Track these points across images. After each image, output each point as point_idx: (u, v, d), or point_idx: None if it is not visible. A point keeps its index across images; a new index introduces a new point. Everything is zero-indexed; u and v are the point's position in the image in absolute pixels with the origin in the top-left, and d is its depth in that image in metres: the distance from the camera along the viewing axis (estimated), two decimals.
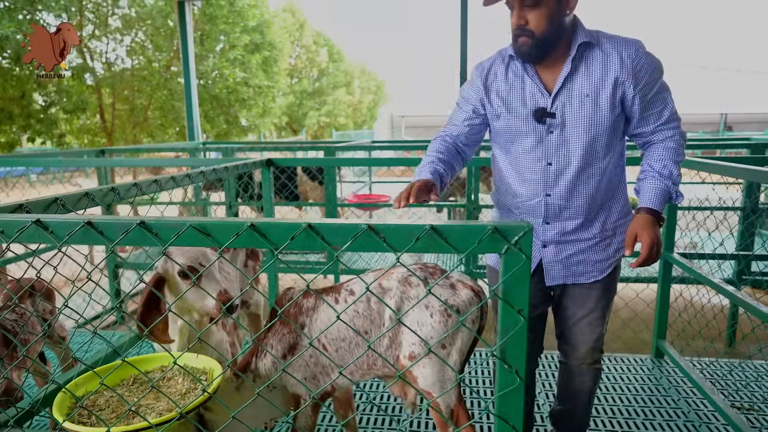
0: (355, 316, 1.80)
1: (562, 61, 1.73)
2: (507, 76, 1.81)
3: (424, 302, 1.74)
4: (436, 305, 1.74)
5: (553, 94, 1.73)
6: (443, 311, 1.73)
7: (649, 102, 1.73)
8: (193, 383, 1.64)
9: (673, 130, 1.77)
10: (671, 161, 1.76)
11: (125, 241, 1.14)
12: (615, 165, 1.82)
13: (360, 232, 1.05)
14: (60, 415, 1.38)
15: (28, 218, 1.18)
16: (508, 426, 1.10)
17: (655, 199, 1.74)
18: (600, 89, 1.70)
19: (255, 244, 1.11)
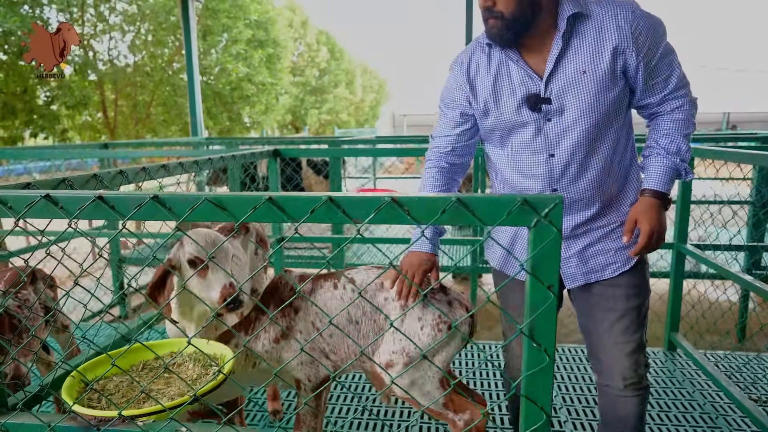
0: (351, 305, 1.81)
1: (551, 39, 1.55)
2: (490, 66, 1.64)
3: (417, 314, 1.75)
4: (429, 319, 1.74)
5: (546, 76, 1.56)
6: (435, 326, 1.73)
7: (654, 69, 1.54)
8: (204, 369, 1.60)
9: (682, 99, 1.58)
10: (679, 134, 1.57)
11: (138, 215, 1.10)
12: (624, 144, 1.64)
13: (383, 204, 1.01)
14: (69, 399, 1.34)
15: (38, 193, 1.14)
16: (536, 407, 1.06)
17: (659, 179, 1.57)
18: (598, 62, 1.52)
19: (273, 219, 1.06)
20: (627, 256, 1.66)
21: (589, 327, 1.73)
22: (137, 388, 1.50)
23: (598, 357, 1.71)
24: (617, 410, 1.71)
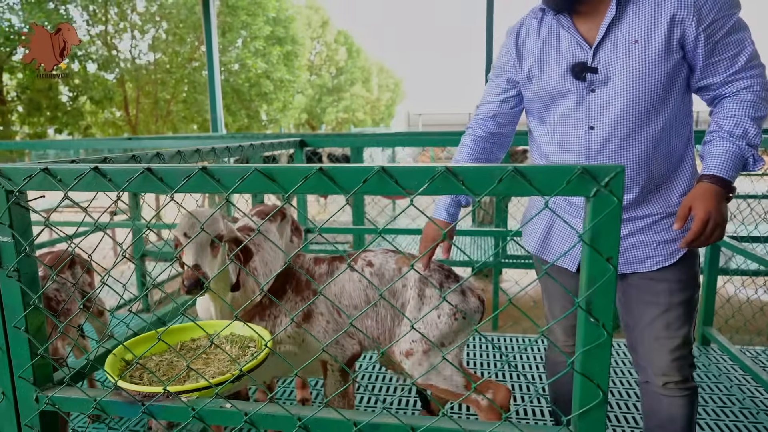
0: (368, 286, 1.83)
1: (606, 6, 1.47)
2: (540, 32, 1.59)
3: (434, 302, 1.78)
4: (445, 307, 1.77)
5: (595, 44, 1.48)
6: (451, 314, 1.77)
7: (718, 44, 1.41)
8: (242, 350, 1.59)
9: (752, 79, 1.43)
10: (747, 117, 1.42)
11: (186, 187, 1.10)
12: (677, 126, 1.52)
13: (437, 174, 0.99)
14: (112, 374, 1.34)
15: (86, 166, 1.14)
16: (593, 384, 1.03)
17: (722, 164, 1.41)
18: (652, 31, 1.41)
19: (324, 190, 1.05)
20: (671, 251, 1.55)
21: (628, 321, 1.65)
22: (177, 367, 1.50)
23: (638, 352, 1.63)
24: (661, 411, 1.61)
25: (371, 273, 1.85)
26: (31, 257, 1.24)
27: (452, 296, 1.82)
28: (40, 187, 1.17)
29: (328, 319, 1.84)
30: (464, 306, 1.82)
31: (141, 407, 1.22)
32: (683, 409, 1.58)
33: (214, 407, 1.19)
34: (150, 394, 1.24)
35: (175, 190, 1.09)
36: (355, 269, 1.60)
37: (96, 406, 1.24)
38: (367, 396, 2.68)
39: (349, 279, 1.87)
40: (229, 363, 1.52)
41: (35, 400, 1.28)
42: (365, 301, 1.84)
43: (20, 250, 1.21)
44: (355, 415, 1.14)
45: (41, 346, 1.26)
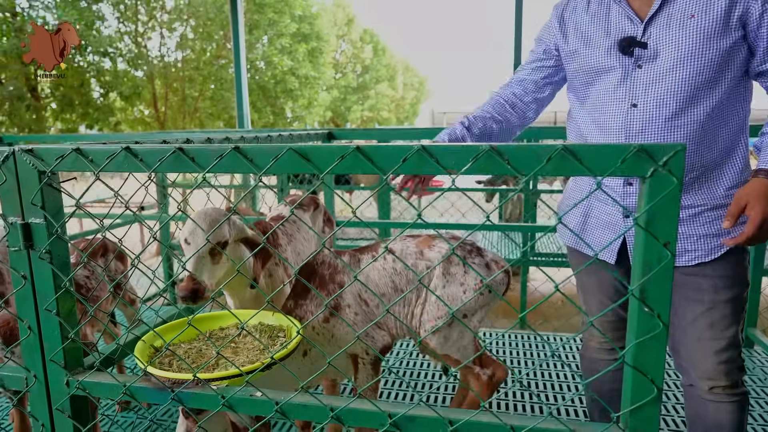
0: (393, 273, 1.82)
1: None
2: (589, 6, 1.54)
3: (459, 280, 1.78)
4: (471, 284, 1.78)
5: (647, 18, 1.40)
6: (476, 289, 1.78)
7: None
8: (271, 340, 1.57)
9: None
10: None
11: (217, 168, 1.06)
12: (728, 112, 1.42)
13: (481, 153, 0.94)
14: (142, 361, 1.33)
15: (118, 146, 1.12)
16: (646, 379, 0.96)
17: None
18: (710, 5, 1.33)
19: (360, 170, 1.00)
20: (712, 246, 1.46)
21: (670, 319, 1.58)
22: (206, 355, 1.47)
23: (680, 353, 1.54)
24: (707, 417, 1.51)
25: (394, 259, 1.84)
26: (63, 240, 1.23)
27: (477, 270, 1.81)
28: (71, 168, 1.15)
29: (356, 311, 1.80)
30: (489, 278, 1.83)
31: (170, 394, 1.20)
32: (732, 416, 1.48)
33: (244, 395, 1.16)
34: (179, 380, 1.22)
35: (207, 170, 1.06)
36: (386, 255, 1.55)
37: (126, 392, 1.22)
38: (394, 392, 2.64)
39: (373, 268, 1.84)
40: (259, 352, 1.49)
41: (66, 384, 1.26)
42: (392, 288, 1.82)
43: (52, 231, 1.19)
44: (391, 406, 1.10)
45: (72, 330, 1.24)
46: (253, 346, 1.54)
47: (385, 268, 1.83)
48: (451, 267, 1.80)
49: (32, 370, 1.28)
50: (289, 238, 2.10)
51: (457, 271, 1.79)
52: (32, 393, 1.30)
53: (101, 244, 2.29)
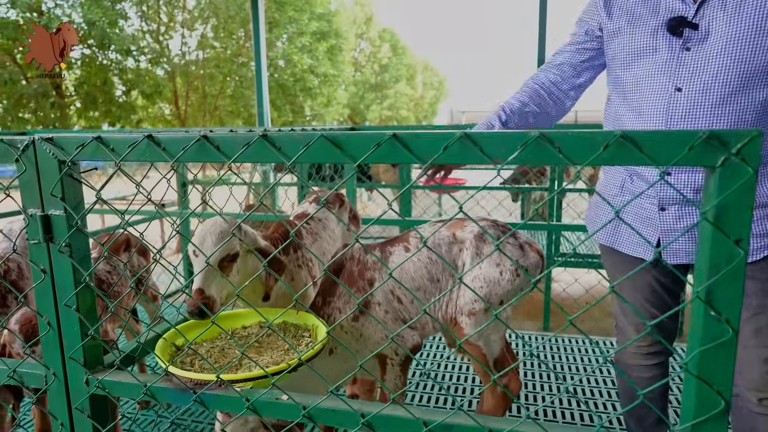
0: (428, 263, 1.76)
1: None
2: None
3: (495, 260, 1.72)
4: (507, 264, 1.72)
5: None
6: (513, 271, 1.72)
7: None
8: (296, 340, 1.50)
9: None
10: None
11: (244, 157, 1.00)
12: None
13: (530, 140, 0.86)
14: (163, 360, 1.27)
15: (140, 135, 1.06)
16: (712, 391, 0.87)
17: None
18: None
19: (398, 158, 0.93)
20: (757, 246, 1.37)
21: None
22: (228, 354, 1.42)
23: None
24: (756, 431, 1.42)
25: (427, 249, 1.77)
26: (83, 233, 1.18)
27: (511, 251, 1.76)
28: (92, 157, 1.10)
29: (386, 309, 1.74)
30: (524, 261, 1.76)
31: (192, 395, 1.14)
32: None
33: (270, 399, 1.10)
34: (202, 381, 1.16)
35: (233, 159, 1.00)
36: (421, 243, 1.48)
37: (146, 392, 1.17)
38: (418, 395, 2.56)
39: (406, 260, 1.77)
40: (283, 352, 1.43)
41: (85, 383, 1.22)
42: (428, 279, 1.76)
43: (72, 224, 1.15)
44: (426, 413, 1.02)
45: (92, 327, 1.20)
46: (277, 346, 1.48)
47: (419, 258, 1.77)
48: (484, 247, 1.74)
49: (51, 367, 1.24)
50: (314, 237, 2.04)
51: (491, 250, 1.74)
52: (51, 391, 1.26)
53: (124, 239, 2.26)
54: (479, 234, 1.77)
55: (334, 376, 1.84)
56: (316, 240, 2.03)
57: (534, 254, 1.80)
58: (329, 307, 1.74)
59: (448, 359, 2.96)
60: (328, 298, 1.76)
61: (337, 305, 1.74)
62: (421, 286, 1.75)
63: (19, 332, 1.47)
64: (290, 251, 1.87)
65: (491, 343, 1.77)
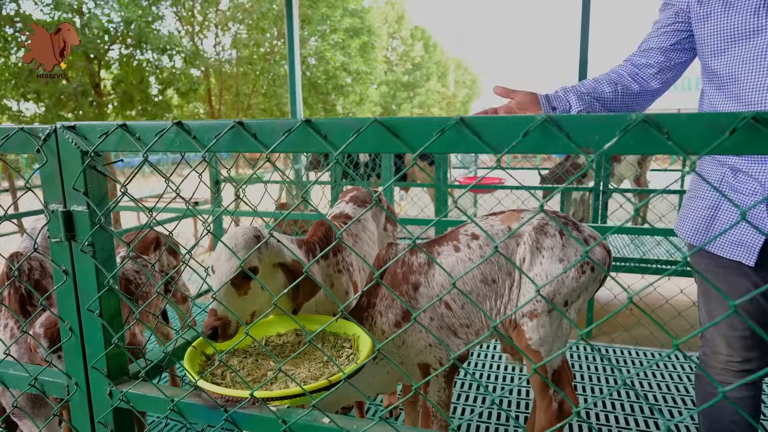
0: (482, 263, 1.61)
1: None
2: None
3: (558, 255, 1.57)
4: (572, 259, 1.57)
5: None
6: (579, 267, 1.57)
7: None
8: (335, 351, 1.37)
9: None
10: None
11: (284, 146, 0.87)
12: None
13: (631, 125, 0.70)
14: (192, 372, 1.16)
15: (168, 123, 0.95)
16: None
17: None
18: None
19: (463, 147, 0.79)
20: None
21: None
22: (263, 366, 1.30)
23: None
24: None
25: (480, 245, 1.62)
26: (107, 231, 1.08)
27: (575, 245, 1.59)
28: (117, 147, 0.99)
29: (431, 315, 1.59)
30: (590, 256, 1.61)
31: (223, 414, 1.02)
32: None
33: (309, 421, 0.97)
34: (234, 398, 1.04)
35: (272, 149, 0.88)
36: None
37: (173, 408, 1.05)
38: (460, 407, 2.41)
39: (457, 261, 1.61)
40: (322, 364, 1.30)
41: (109, 395, 1.12)
42: (481, 280, 1.60)
43: (95, 221, 1.04)
44: None
45: (116, 334, 1.09)
46: (315, 357, 1.35)
47: (471, 258, 1.60)
48: (545, 240, 1.59)
49: (74, 376, 1.14)
50: (354, 239, 1.91)
51: (552, 245, 1.58)
52: (73, 402, 1.16)
53: (153, 237, 2.18)
54: (539, 226, 1.61)
55: (377, 384, 1.71)
56: (356, 242, 1.89)
57: (600, 249, 1.64)
58: (373, 309, 1.62)
59: (491, 368, 2.80)
60: (372, 299, 1.63)
61: (379, 308, 1.62)
62: (474, 290, 1.60)
63: (43, 336, 1.39)
64: (329, 255, 1.73)
65: (554, 351, 1.61)
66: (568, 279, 1.57)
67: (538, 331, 1.57)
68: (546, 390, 1.67)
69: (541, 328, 1.57)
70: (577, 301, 1.61)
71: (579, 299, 1.62)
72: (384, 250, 1.67)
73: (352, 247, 1.85)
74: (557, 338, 1.60)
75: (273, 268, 1.42)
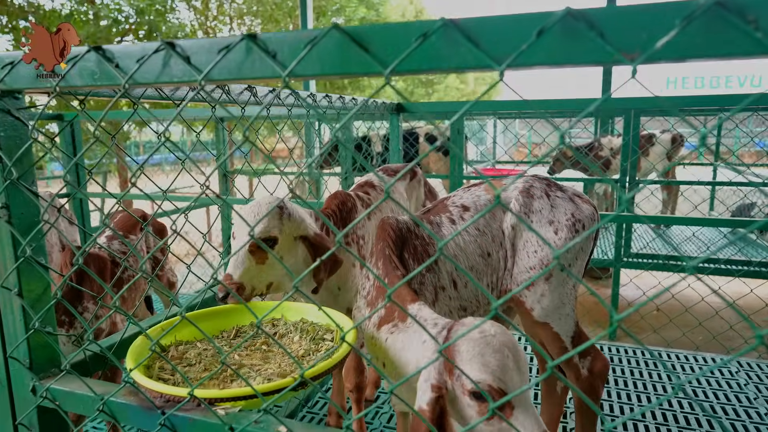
0: (477, 234, 1.48)
1: None
2: None
3: (547, 217, 1.49)
4: (562, 220, 1.48)
5: None
6: (571, 226, 1.47)
7: None
8: (314, 343, 1.17)
9: None
10: None
11: (221, 71, 0.67)
12: None
13: (699, 10, 0.48)
14: (135, 365, 0.96)
15: (84, 48, 0.75)
16: None
17: None
18: None
19: (458, 62, 0.57)
20: None
21: None
22: (227, 360, 1.09)
23: None
24: None
25: (472, 216, 1.48)
26: (30, 190, 0.89)
27: (563, 205, 1.50)
28: (31, 84, 0.80)
29: (450, 294, 1.41)
30: (579, 214, 1.51)
31: (160, 416, 0.82)
32: None
33: (260, 429, 0.76)
34: (174, 398, 0.84)
35: (205, 74, 0.67)
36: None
37: (102, 408, 0.86)
38: None
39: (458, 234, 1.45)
40: (298, 359, 1.10)
41: (32, 391, 0.92)
42: (479, 254, 1.46)
43: (6, 176, 0.85)
44: None
45: (35, 317, 0.90)
46: (291, 350, 1.15)
47: (468, 231, 1.46)
48: (533, 202, 1.48)
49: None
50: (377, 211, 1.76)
51: (541, 206, 1.49)
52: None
53: (140, 215, 2.00)
54: (524, 189, 1.51)
55: None
56: (374, 213, 1.75)
57: (587, 205, 1.55)
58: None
59: None
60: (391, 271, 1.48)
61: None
62: (474, 265, 1.44)
63: None
64: (340, 228, 1.61)
65: (563, 317, 1.48)
66: (560, 241, 1.47)
67: (540, 302, 1.46)
68: (570, 359, 1.53)
69: (542, 297, 1.45)
70: (575, 263, 1.52)
71: (577, 261, 1.53)
72: (381, 224, 1.47)
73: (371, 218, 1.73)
74: (562, 305, 1.49)
75: (294, 240, 1.37)
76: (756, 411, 2.13)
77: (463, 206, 1.52)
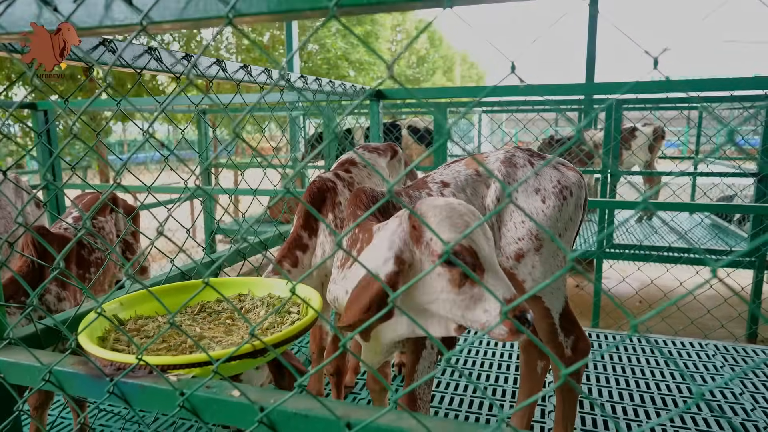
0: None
1: None
2: None
3: (533, 185, 1.48)
4: (548, 188, 1.47)
5: None
6: (558, 193, 1.46)
7: None
8: (279, 317, 1.14)
9: None
10: None
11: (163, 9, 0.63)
12: None
13: None
14: (88, 338, 0.92)
15: None
16: None
17: None
18: None
19: None
20: None
21: None
22: (190, 333, 1.06)
23: None
24: None
25: (452, 193, 1.46)
26: None
27: (548, 173, 1.49)
28: None
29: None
30: (565, 181, 1.49)
31: (108, 384, 0.79)
32: None
33: (214, 395, 0.73)
34: (125, 365, 0.80)
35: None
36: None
37: (48, 378, 0.82)
38: (448, 396, 2.16)
39: None
40: (261, 332, 1.07)
41: None
42: None
43: None
44: (445, 426, 0.63)
45: None
46: (255, 323, 1.12)
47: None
48: (516, 171, 1.46)
49: None
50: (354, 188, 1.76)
51: (525, 174, 1.48)
52: None
53: (110, 197, 1.95)
54: (506, 159, 1.49)
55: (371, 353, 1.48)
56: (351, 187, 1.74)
57: (572, 172, 1.54)
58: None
59: (477, 354, 2.55)
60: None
61: None
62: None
63: None
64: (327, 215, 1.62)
65: (554, 291, 1.49)
66: (548, 210, 1.46)
67: (531, 274, 1.45)
68: (556, 337, 1.53)
69: (534, 269, 1.44)
70: (565, 234, 1.50)
71: (567, 231, 1.51)
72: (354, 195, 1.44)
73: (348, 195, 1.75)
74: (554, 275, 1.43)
75: None
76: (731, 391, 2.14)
77: (442, 182, 1.50)
